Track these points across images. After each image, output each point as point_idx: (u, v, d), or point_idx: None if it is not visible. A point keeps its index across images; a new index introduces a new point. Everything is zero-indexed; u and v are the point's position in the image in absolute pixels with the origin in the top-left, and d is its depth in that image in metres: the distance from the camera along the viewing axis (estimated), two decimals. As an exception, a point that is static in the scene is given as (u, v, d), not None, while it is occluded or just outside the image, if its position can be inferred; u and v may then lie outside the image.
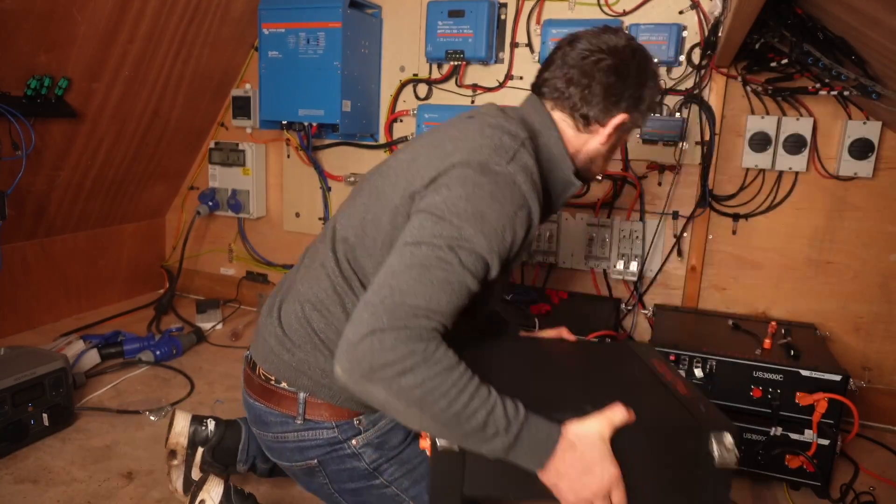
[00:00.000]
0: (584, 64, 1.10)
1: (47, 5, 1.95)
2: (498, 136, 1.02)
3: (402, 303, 0.90)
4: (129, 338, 2.36)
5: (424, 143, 1.11)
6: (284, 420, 1.14)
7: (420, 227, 0.96)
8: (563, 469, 0.91)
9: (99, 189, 2.63)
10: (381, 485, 1.16)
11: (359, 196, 1.16)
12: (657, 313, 2.14)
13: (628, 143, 2.23)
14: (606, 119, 1.11)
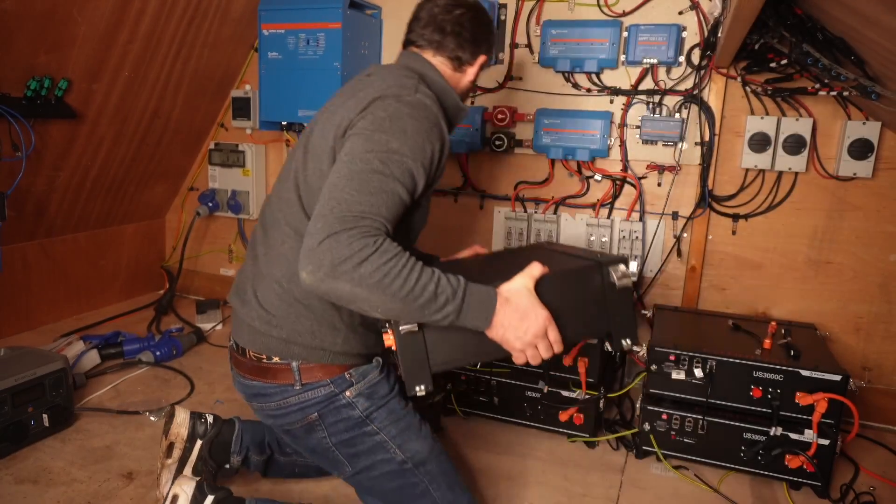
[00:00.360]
0: (453, 17, 1.37)
1: (47, 6, 1.95)
2: (400, 78, 1.24)
3: (350, 210, 1.05)
4: (129, 338, 2.36)
5: (336, 102, 1.27)
6: (284, 389, 1.26)
7: (352, 147, 1.12)
8: (505, 321, 1.11)
9: (99, 190, 2.64)
10: (372, 431, 1.27)
11: (286, 178, 1.29)
12: (657, 313, 2.14)
13: (628, 144, 2.23)
14: (474, 60, 1.40)
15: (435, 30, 1.37)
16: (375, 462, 1.29)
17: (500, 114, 2.33)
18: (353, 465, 1.30)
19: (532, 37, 2.31)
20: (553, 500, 1.61)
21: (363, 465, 1.29)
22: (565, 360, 1.80)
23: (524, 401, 1.90)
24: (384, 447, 1.28)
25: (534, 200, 2.42)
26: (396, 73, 1.26)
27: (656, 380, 1.76)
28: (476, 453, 1.82)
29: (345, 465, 1.31)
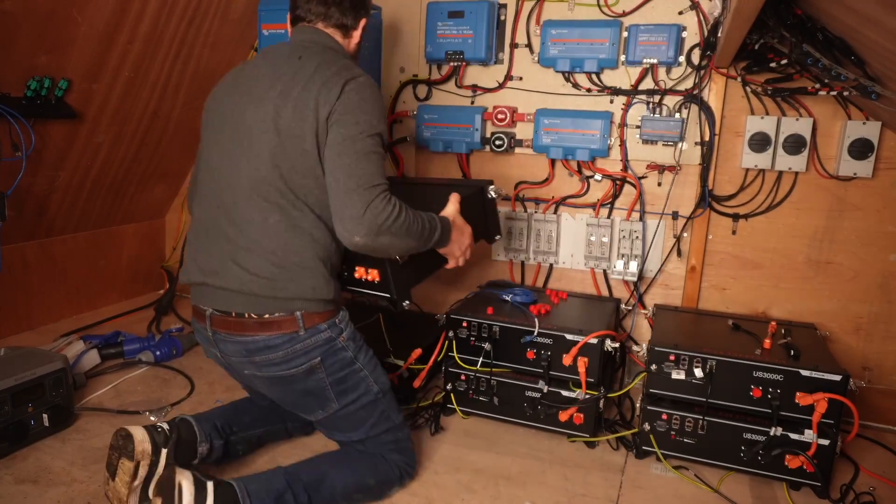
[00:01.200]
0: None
1: (47, 6, 1.95)
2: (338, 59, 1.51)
3: (370, 181, 1.38)
4: (129, 338, 2.36)
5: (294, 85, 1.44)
6: (291, 337, 1.45)
7: (348, 132, 1.40)
8: (454, 238, 1.64)
9: (99, 190, 2.64)
10: (358, 368, 1.54)
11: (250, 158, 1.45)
12: (657, 313, 2.14)
13: (628, 144, 2.23)
14: (357, 24, 1.62)
15: (319, 2, 1.57)
16: (359, 395, 1.54)
17: (500, 114, 2.33)
18: (340, 400, 1.53)
19: (532, 37, 2.31)
20: (553, 500, 1.61)
21: (349, 399, 1.54)
22: (565, 359, 1.80)
23: (524, 401, 1.90)
24: (366, 382, 1.55)
25: (534, 200, 2.42)
26: (330, 55, 1.52)
27: (656, 380, 1.76)
28: (476, 453, 1.82)
29: (332, 402, 1.53)
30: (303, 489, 1.43)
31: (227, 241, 1.47)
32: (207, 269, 1.50)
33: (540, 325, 1.86)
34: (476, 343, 1.93)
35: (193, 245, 1.57)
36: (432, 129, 2.42)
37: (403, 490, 1.62)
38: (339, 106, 1.40)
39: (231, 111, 1.51)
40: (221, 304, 1.48)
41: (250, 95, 1.49)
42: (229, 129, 1.51)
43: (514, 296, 2.10)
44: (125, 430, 1.43)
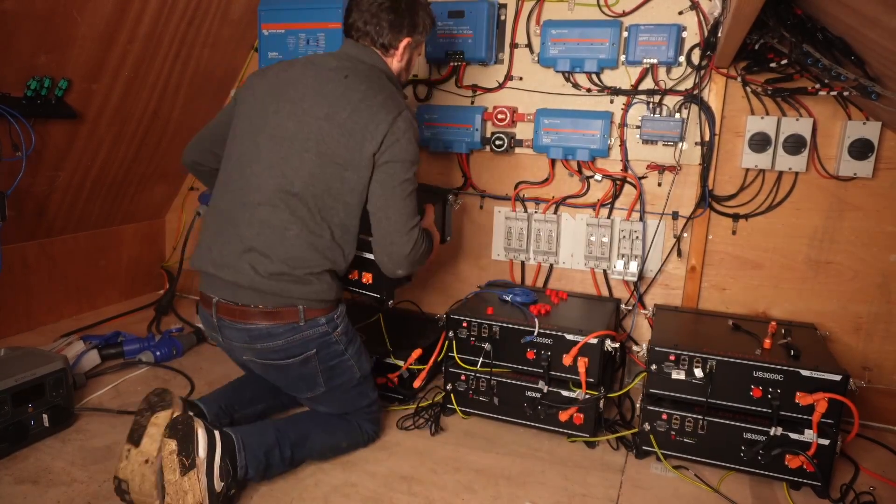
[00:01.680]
0: (371, 8, 1.62)
1: (47, 6, 1.95)
2: (384, 84, 1.61)
3: (412, 221, 1.61)
4: (129, 338, 2.36)
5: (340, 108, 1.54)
6: (292, 327, 1.58)
7: (398, 173, 1.56)
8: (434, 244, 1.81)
9: (99, 190, 2.64)
10: (347, 359, 1.68)
11: (287, 162, 1.55)
12: (657, 313, 2.14)
13: (628, 144, 2.23)
14: (397, 43, 1.66)
15: (360, 20, 1.64)
16: (344, 380, 1.70)
17: (500, 114, 2.33)
18: (328, 384, 1.68)
19: (532, 37, 2.31)
20: (553, 500, 1.61)
21: (335, 383, 1.69)
22: (565, 359, 1.80)
23: (524, 401, 1.90)
24: (351, 369, 1.70)
25: (534, 200, 2.42)
26: (375, 79, 1.61)
27: (656, 380, 1.76)
28: (476, 453, 1.82)
29: (320, 385, 1.68)
30: (288, 445, 1.59)
31: (243, 240, 1.57)
32: (220, 262, 1.59)
33: (540, 325, 1.86)
34: (476, 343, 1.93)
35: (210, 233, 1.65)
36: (432, 129, 2.43)
37: (404, 491, 1.62)
38: (388, 146, 1.54)
39: (272, 116, 1.59)
40: (229, 294, 1.59)
41: (294, 106, 1.58)
42: (267, 133, 1.59)
43: (514, 296, 2.10)
44: (159, 388, 1.56)
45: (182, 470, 1.37)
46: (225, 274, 1.58)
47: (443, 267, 2.61)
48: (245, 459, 1.49)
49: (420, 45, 1.77)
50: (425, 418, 1.97)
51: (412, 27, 1.67)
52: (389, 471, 1.71)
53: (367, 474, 1.69)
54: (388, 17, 1.62)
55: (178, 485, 1.37)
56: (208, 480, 1.41)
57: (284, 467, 1.61)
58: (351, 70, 1.60)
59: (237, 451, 1.48)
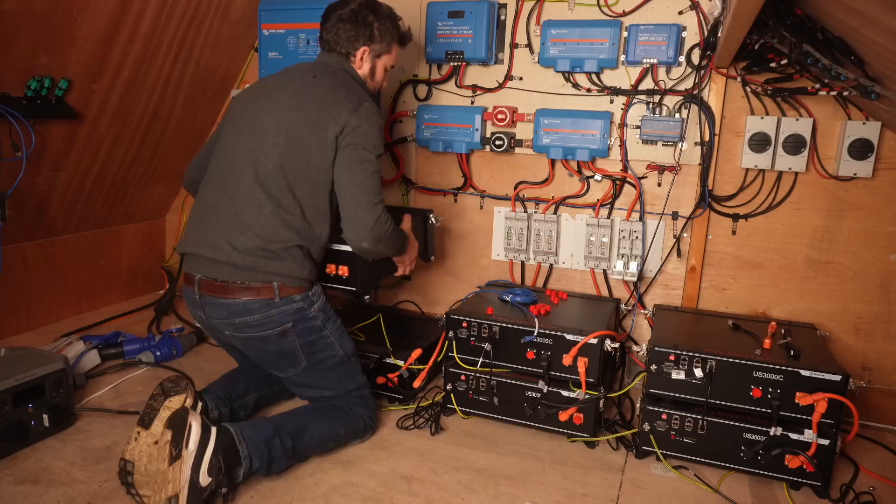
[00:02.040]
0: (332, 20, 1.84)
1: (47, 6, 1.95)
2: (352, 85, 1.78)
3: (377, 198, 1.71)
4: (129, 338, 2.36)
5: (308, 99, 1.71)
6: (267, 303, 1.67)
7: (358, 152, 1.69)
8: (407, 250, 1.98)
9: (99, 190, 2.64)
10: (326, 335, 1.77)
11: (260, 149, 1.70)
12: (657, 313, 2.14)
13: (628, 144, 2.23)
14: (354, 51, 1.84)
15: (325, 31, 1.86)
16: (325, 357, 1.78)
17: (500, 114, 2.33)
18: (309, 360, 1.76)
19: (532, 37, 2.31)
20: (553, 500, 1.61)
21: (316, 359, 1.77)
22: (565, 359, 1.80)
23: (524, 401, 1.90)
24: (332, 346, 1.78)
25: (534, 200, 2.42)
26: (341, 77, 1.79)
27: (656, 380, 1.76)
28: (476, 453, 1.82)
29: (301, 361, 1.75)
30: (287, 435, 1.63)
31: (223, 222, 1.70)
32: (203, 242, 1.71)
33: (540, 325, 1.86)
34: (476, 343, 1.94)
35: (194, 222, 1.78)
36: (432, 129, 2.43)
37: (404, 491, 1.62)
38: (350, 129, 1.68)
39: (250, 113, 1.77)
40: (210, 271, 1.69)
41: (269, 101, 1.75)
42: (247, 127, 1.75)
43: (514, 296, 2.10)
44: (174, 375, 1.59)
45: (170, 460, 1.39)
46: (206, 252, 1.69)
47: (443, 267, 2.61)
48: (247, 450, 1.53)
49: (383, 55, 1.90)
50: (425, 418, 1.97)
51: (369, 38, 1.84)
52: (389, 470, 1.71)
53: (367, 474, 1.69)
54: (345, 27, 1.82)
55: (163, 474, 1.39)
56: (192, 473, 1.42)
57: (288, 459, 1.64)
58: (320, 71, 1.79)
59: (237, 443, 1.51)
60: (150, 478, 1.44)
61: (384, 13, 1.88)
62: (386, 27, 1.87)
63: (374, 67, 1.90)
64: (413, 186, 2.59)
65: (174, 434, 1.42)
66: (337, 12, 1.84)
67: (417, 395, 2.11)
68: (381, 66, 1.92)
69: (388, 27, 1.88)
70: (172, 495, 1.38)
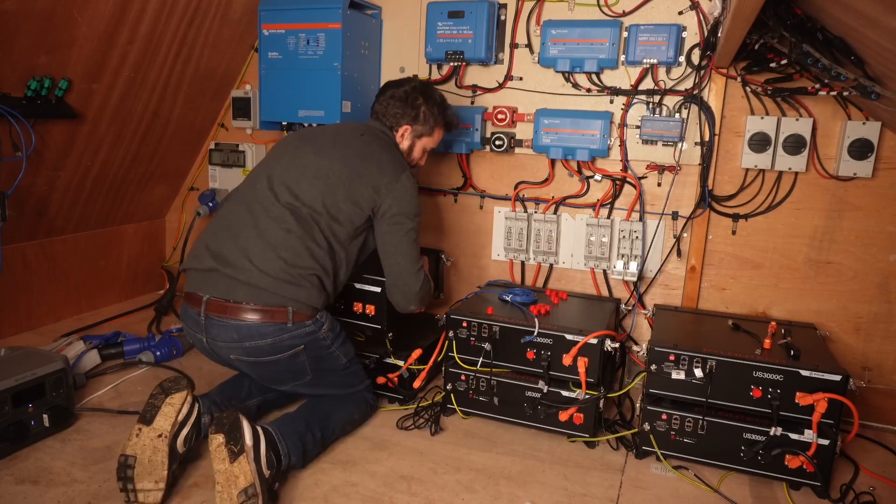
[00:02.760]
0: (385, 96, 2.00)
1: (47, 6, 1.95)
2: (395, 152, 1.93)
3: (418, 264, 1.87)
4: (129, 338, 2.36)
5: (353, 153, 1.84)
6: (280, 327, 1.69)
7: (402, 223, 1.82)
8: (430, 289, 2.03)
9: (99, 190, 2.64)
10: (333, 351, 1.81)
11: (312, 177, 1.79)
12: (657, 313, 2.14)
13: (628, 144, 2.23)
14: (398, 127, 1.98)
15: (379, 105, 2.00)
16: (332, 368, 1.83)
17: (500, 114, 2.33)
18: (314, 373, 1.80)
19: (532, 37, 2.31)
20: (553, 500, 1.61)
21: (322, 370, 1.82)
22: (565, 359, 1.80)
23: (524, 401, 1.90)
24: (337, 358, 1.83)
25: (534, 200, 2.42)
26: (385, 142, 1.93)
27: (656, 380, 1.76)
28: (476, 453, 1.82)
29: (307, 374, 1.79)
30: (317, 427, 1.72)
31: (245, 239, 1.72)
32: (220, 258, 1.72)
33: (540, 325, 1.86)
34: (476, 343, 1.94)
35: (209, 236, 1.79)
36: (432, 130, 2.42)
37: (404, 491, 1.62)
38: (393, 200, 1.80)
39: (292, 151, 1.87)
40: (222, 291, 1.69)
41: (315, 145, 1.87)
42: (287, 159, 1.84)
43: (514, 296, 2.10)
44: (173, 375, 1.64)
45: (231, 457, 1.43)
46: (225, 269, 1.69)
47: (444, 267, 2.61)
48: (287, 447, 1.60)
49: (424, 136, 2.01)
50: (425, 418, 1.97)
51: (413, 118, 1.97)
52: (389, 471, 1.71)
53: (367, 474, 1.69)
54: (395, 104, 1.96)
55: (228, 472, 1.42)
56: (256, 465, 1.47)
57: (318, 449, 1.73)
58: (368, 132, 1.94)
59: (277, 442, 1.58)
60: (153, 470, 1.47)
61: (434, 99, 2.00)
62: (432, 112, 1.99)
63: (412, 146, 2.02)
64: (413, 186, 2.59)
65: (228, 435, 1.45)
66: (391, 90, 1.99)
67: (417, 396, 2.11)
68: (419, 146, 2.03)
69: (434, 112, 1.99)
70: (247, 486, 1.42)
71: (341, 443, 1.83)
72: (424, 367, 2.00)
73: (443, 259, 2.38)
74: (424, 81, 2.05)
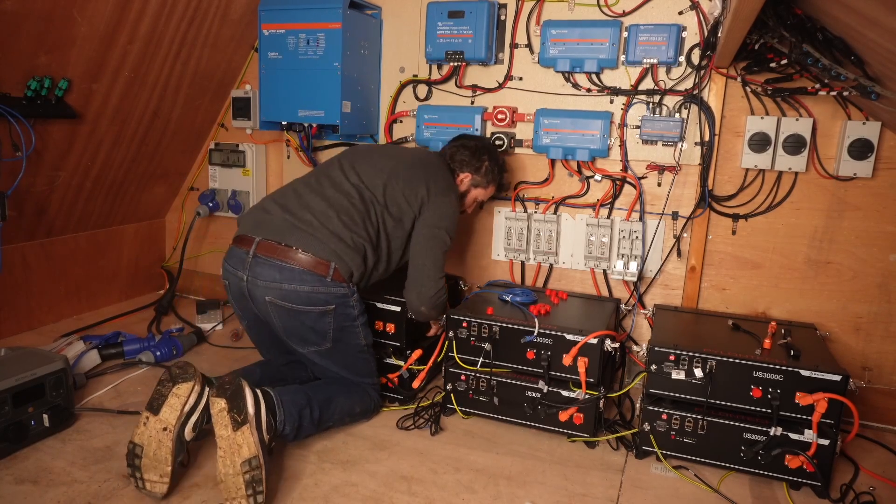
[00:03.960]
0: (457, 144, 2.14)
1: (47, 6, 1.95)
2: (452, 182, 2.06)
3: (441, 272, 1.93)
4: (129, 338, 2.36)
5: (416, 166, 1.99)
6: (319, 279, 1.78)
7: (440, 232, 1.92)
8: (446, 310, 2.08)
9: (99, 190, 2.64)
10: (357, 324, 1.87)
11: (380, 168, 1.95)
12: (657, 313, 2.14)
13: (628, 144, 2.23)
14: (460, 174, 2.11)
15: (451, 147, 2.14)
16: (350, 343, 1.88)
17: (500, 114, 2.33)
18: (335, 343, 1.85)
19: (532, 37, 2.31)
20: (553, 500, 1.61)
21: (342, 343, 1.87)
22: (565, 359, 1.80)
23: (524, 401, 1.90)
24: (358, 335, 1.89)
25: (534, 200, 2.42)
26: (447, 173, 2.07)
27: (656, 380, 1.76)
28: (476, 453, 1.82)
29: (327, 341, 1.84)
30: (317, 406, 1.77)
31: (310, 199, 1.87)
32: (283, 207, 1.86)
33: (540, 325, 1.86)
34: (476, 343, 1.94)
35: (275, 194, 1.94)
36: (432, 129, 2.43)
37: (404, 491, 1.62)
38: (437, 208, 1.92)
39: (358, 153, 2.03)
40: (277, 233, 1.80)
41: (381, 151, 2.06)
42: (352, 157, 1.99)
43: (514, 296, 2.10)
44: (182, 361, 1.63)
45: (234, 425, 1.47)
46: (286, 214, 1.83)
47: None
48: (283, 414, 1.65)
49: (479, 187, 2.14)
50: (425, 418, 1.97)
51: (475, 169, 2.10)
52: (389, 471, 1.71)
53: (367, 474, 1.69)
54: (464, 153, 2.10)
55: (231, 439, 1.46)
56: (258, 433, 1.51)
57: (313, 428, 1.77)
58: (436, 157, 2.11)
59: (277, 407, 1.64)
60: (158, 463, 1.49)
61: (497, 160, 2.15)
62: (493, 170, 2.13)
63: (467, 191, 2.14)
64: (413, 186, 2.59)
65: (231, 401, 1.49)
66: (464, 140, 2.15)
67: (417, 396, 2.11)
68: (472, 195, 2.15)
69: (494, 171, 2.14)
70: (251, 457, 1.46)
71: (341, 443, 1.83)
72: (424, 367, 2.00)
73: (460, 285, 2.45)
74: (494, 144, 2.27)
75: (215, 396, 1.50)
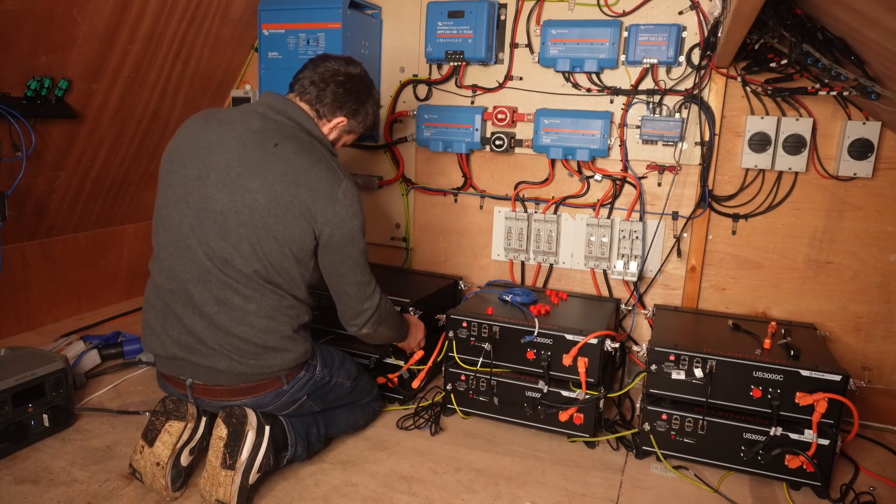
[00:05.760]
0: (326, 73, 1.61)
1: (47, 6, 1.95)
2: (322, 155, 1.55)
3: (369, 287, 1.67)
4: (129, 338, 2.36)
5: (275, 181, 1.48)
6: (278, 393, 1.62)
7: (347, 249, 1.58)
8: (410, 336, 1.97)
9: (99, 190, 2.64)
10: (334, 382, 1.75)
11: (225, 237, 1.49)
12: (657, 313, 2.14)
13: (628, 144, 2.23)
14: (331, 117, 1.64)
15: (308, 79, 1.62)
16: (338, 395, 1.80)
17: (500, 114, 2.33)
18: (322, 403, 1.76)
19: (532, 37, 2.31)
20: (553, 500, 1.61)
21: (330, 399, 1.78)
22: (565, 359, 1.80)
23: (524, 401, 1.90)
24: (341, 385, 1.79)
25: (534, 200, 2.42)
26: (307, 146, 1.55)
27: (656, 380, 1.76)
28: (476, 453, 1.82)
29: (316, 407, 1.75)
30: (322, 422, 1.75)
31: (206, 318, 1.52)
32: (188, 346, 1.54)
33: (540, 325, 1.86)
34: (476, 343, 1.93)
35: (160, 315, 1.60)
36: (432, 129, 2.43)
37: (404, 491, 1.62)
38: (335, 225, 1.53)
39: (195, 182, 1.50)
40: (204, 377, 1.57)
41: (219, 174, 1.48)
42: (196, 204, 1.50)
43: (514, 296, 2.10)
44: (175, 397, 1.59)
45: (223, 463, 1.47)
46: (198, 358, 1.53)
47: (443, 267, 2.61)
48: (294, 438, 1.64)
49: (352, 133, 1.73)
50: (425, 418, 1.97)
51: (353, 111, 1.66)
52: (389, 471, 1.71)
53: (367, 474, 1.69)
54: (336, 89, 1.61)
55: (215, 471, 1.47)
56: (242, 480, 1.49)
57: (320, 444, 1.75)
58: (278, 133, 1.52)
59: (287, 432, 1.63)
60: (155, 489, 1.52)
61: (375, 98, 1.75)
62: (368, 112, 1.71)
63: (338, 139, 1.71)
64: (413, 186, 2.59)
65: (231, 438, 1.48)
66: (331, 69, 1.61)
67: (417, 396, 2.11)
68: (342, 141, 1.74)
69: (371, 112, 1.73)
70: (225, 500, 1.46)
71: (342, 443, 1.83)
72: (424, 367, 2.00)
73: (460, 285, 2.40)
74: (366, 71, 1.72)
75: (222, 421, 1.49)
